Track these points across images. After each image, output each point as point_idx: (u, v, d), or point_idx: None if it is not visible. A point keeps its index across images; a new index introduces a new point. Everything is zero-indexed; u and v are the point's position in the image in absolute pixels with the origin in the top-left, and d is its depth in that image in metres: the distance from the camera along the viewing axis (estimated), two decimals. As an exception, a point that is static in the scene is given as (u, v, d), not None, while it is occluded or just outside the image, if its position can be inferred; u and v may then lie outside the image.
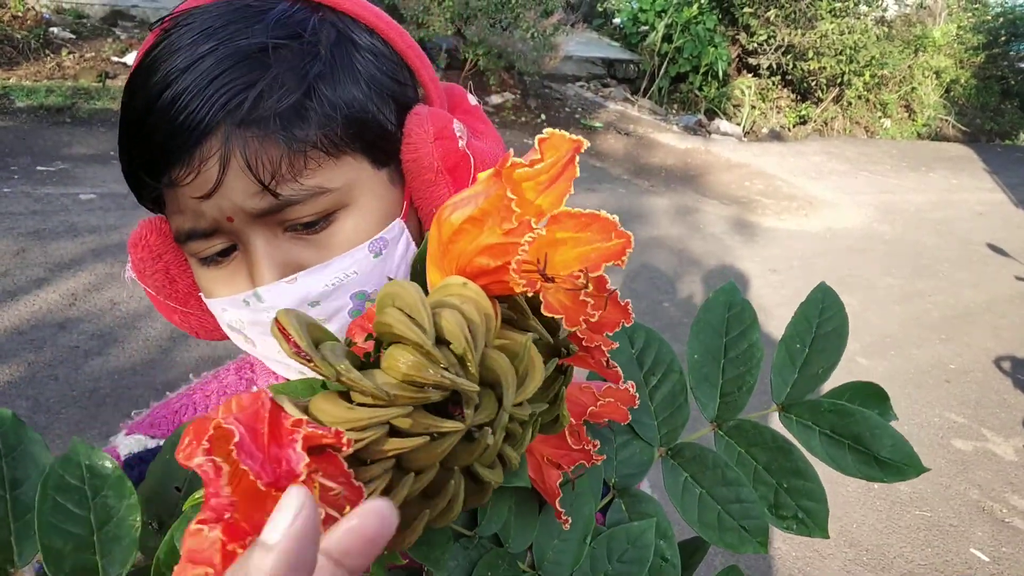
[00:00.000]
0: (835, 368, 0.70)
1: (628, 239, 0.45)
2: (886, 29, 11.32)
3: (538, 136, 0.43)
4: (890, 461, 0.64)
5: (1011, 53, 13.81)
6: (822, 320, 0.71)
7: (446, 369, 0.41)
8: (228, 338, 0.75)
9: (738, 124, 9.68)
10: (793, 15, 10.02)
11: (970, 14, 12.89)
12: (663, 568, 0.65)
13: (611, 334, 0.52)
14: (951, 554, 3.22)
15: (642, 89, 9.90)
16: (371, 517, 0.33)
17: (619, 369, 0.53)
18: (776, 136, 9.96)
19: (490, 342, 0.45)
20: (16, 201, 4.37)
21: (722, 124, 9.49)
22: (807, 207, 7.08)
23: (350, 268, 0.65)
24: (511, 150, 0.45)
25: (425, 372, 0.41)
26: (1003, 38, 13.31)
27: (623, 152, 7.62)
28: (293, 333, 0.40)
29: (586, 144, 0.43)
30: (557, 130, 0.43)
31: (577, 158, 0.44)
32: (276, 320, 0.41)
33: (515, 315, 0.49)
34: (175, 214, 0.65)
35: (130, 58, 6.47)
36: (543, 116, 8.07)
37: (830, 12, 10.00)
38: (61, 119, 5.55)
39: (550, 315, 0.46)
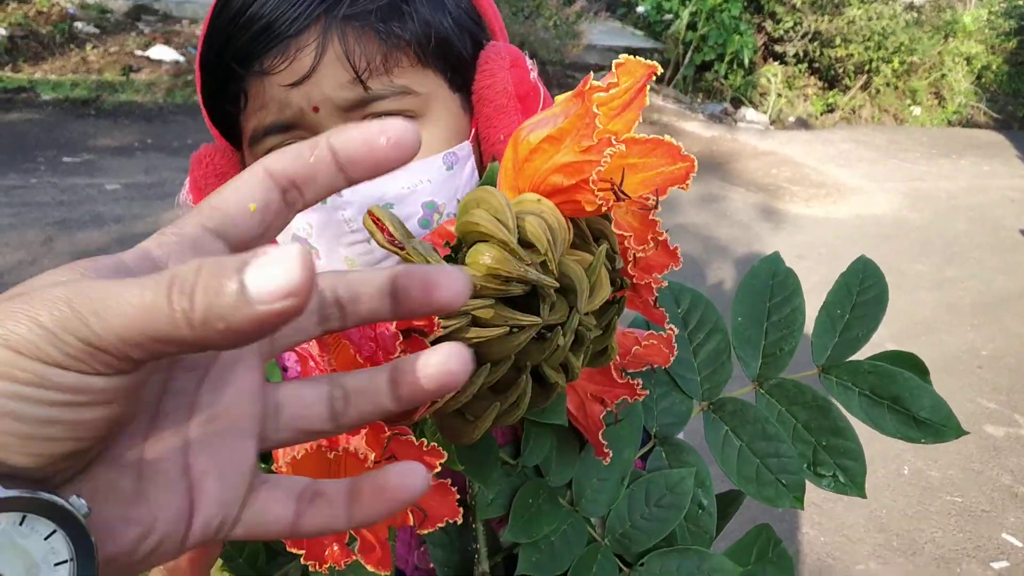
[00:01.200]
0: (875, 331, 0.70)
1: (692, 163, 0.47)
2: (915, 15, 11.16)
3: (615, 61, 0.45)
4: (928, 422, 0.65)
5: (1044, 38, 13.60)
6: (863, 288, 0.75)
7: (529, 265, 0.44)
8: None
9: (764, 112, 9.59)
10: (820, 1, 9.91)
11: (1002, -2, 12.71)
12: (699, 516, 0.68)
13: (660, 290, 0.53)
14: (983, 539, 3.18)
15: (667, 78, 9.83)
16: (454, 352, 0.34)
17: (664, 311, 0.55)
18: (803, 124, 9.86)
19: (565, 251, 0.48)
20: (43, 191, 4.42)
21: (748, 112, 9.40)
22: (835, 194, 7.00)
23: (425, 175, 0.68)
24: (591, 73, 0.47)
25: (510, 266, 0.43)
26: (1035, 23, 13.10)
27: (648, 141, 7.58)
28: (388, 224, 0.43)
29: (659, 69, 0.46)
30: (633, 56, 0.46)
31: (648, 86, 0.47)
32: (370, 212, 0.44)
33: (579, 240, 0.51)
34: (258, 110, 0.67)
35: (153, 51, 6.50)
36: (567, 106, 8.05)
37: (858, -2, 9.89)
38: (86, 112, 5.60)
39: (620, 232, 0.50)
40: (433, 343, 0.42)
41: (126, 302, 0.25)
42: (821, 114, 10.34)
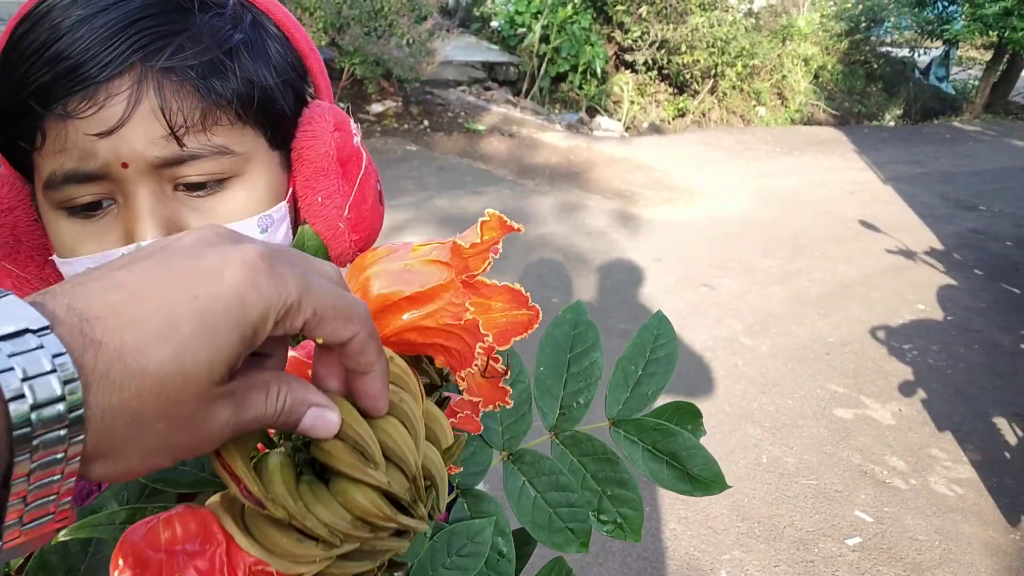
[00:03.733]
0: (663, 391, 0.76)
1: (537, 313, 0.49)
2: (754, 20, 11.71)
3: (480, 218, 0.46)
4: (699, 478, 0.70)
5: (872, 38, 14.46)
6: (656, 346, 0.78)
7: (401, 510, 0.42)
8: None
9: (619, 120, 9.86)
10: (664, 11, 10.27)
11: (831, 2, 13.44)
12: (499, 563, 0.70)
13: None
14: (838, 518, 3.35)
15: (524, 90, 9.98)
16: None
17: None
18: (656, 129, 10.19)
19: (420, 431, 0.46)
20: None
21: (603, 121, 9.65)
22: (687, 197, 7.26)
23: None
24: (457, 236, 0.48)
25: (383, 516, 0.41)
26: (864, 24, 13.92)
27: (507, 154, 7.68)
28: (243, 475, 0.39)
29: (522, 230, 0.48)
30: (496, 212, 0.47)
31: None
32: (219, 455, 0.39)
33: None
34: (56, 153, 0.62)
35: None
36: (426, 122, 8.07)
37: (699, 7, 10.29)
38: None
39: (470, 397, 0.50)
40: None
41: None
42: (673, 119, 10.70)
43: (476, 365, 0.46)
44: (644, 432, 0.73)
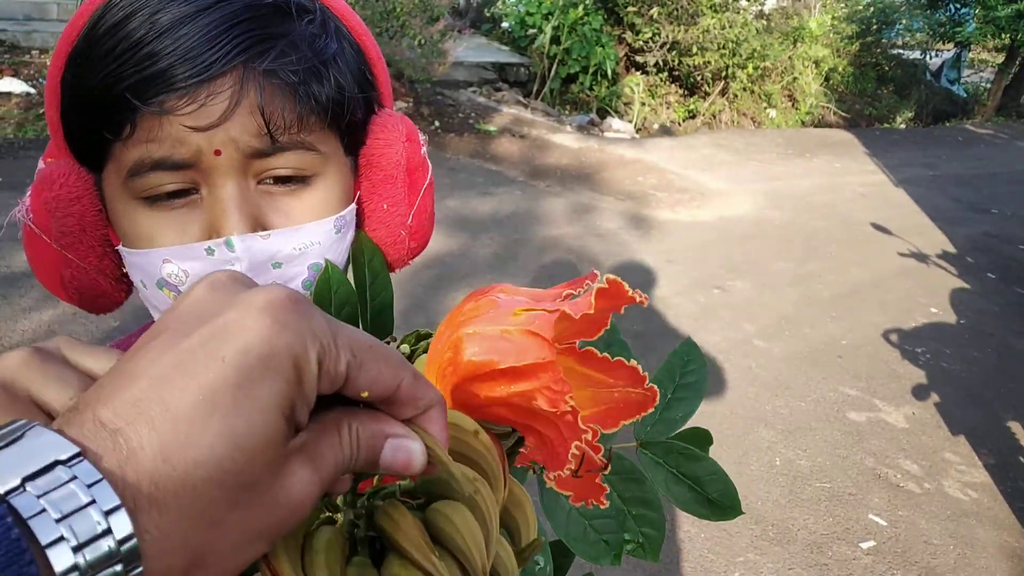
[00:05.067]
0: (692, 416, 0.77)
1: (654, 396, 0.45)
2: (765, 22, 11.69)
3: (598, 284, 0.41)
4: (717, 503, 0.71)
5: (883, 41, 14.42)
6: (685, 371, 0.79)
7: None
8: (112, 308, 0.75)
9: (630, 121, 9.85)
10: (676, 12, 10.26)
11: (843, 4, 13.41)
12: (536, 572, 0.70)
13: None
14: (851, 521, 3.35)
15: (534, 92, 9.98)
16: None
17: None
18: (667, 131, 10.17)
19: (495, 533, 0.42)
20: None
21: (614, 122, 9.64)
22: (699, 198, 7.25)
23: (317, 237, 0.68)
24: (566, 303, 0.43)
25: None
26: (875, 26, 13.88)
27: (519, 155, 7.68)
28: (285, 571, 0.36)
29: (646, 300, 0.43)
30: (616, 278, 0.42)
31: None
32: (267, 561, 0.37)
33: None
34: (147, 142, 0.62)
35: (1, 84, 6.21)
36: (437, 123, 8.07)
37: (711, 8, 10.27)
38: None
39: (560, 491, 0.45)
40: None
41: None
42: (683, 120, 10.69)
43: (569, 467, 0.42)
44: (670, 455, 0.74)
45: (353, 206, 0.73)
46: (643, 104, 10.26)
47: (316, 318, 0.33)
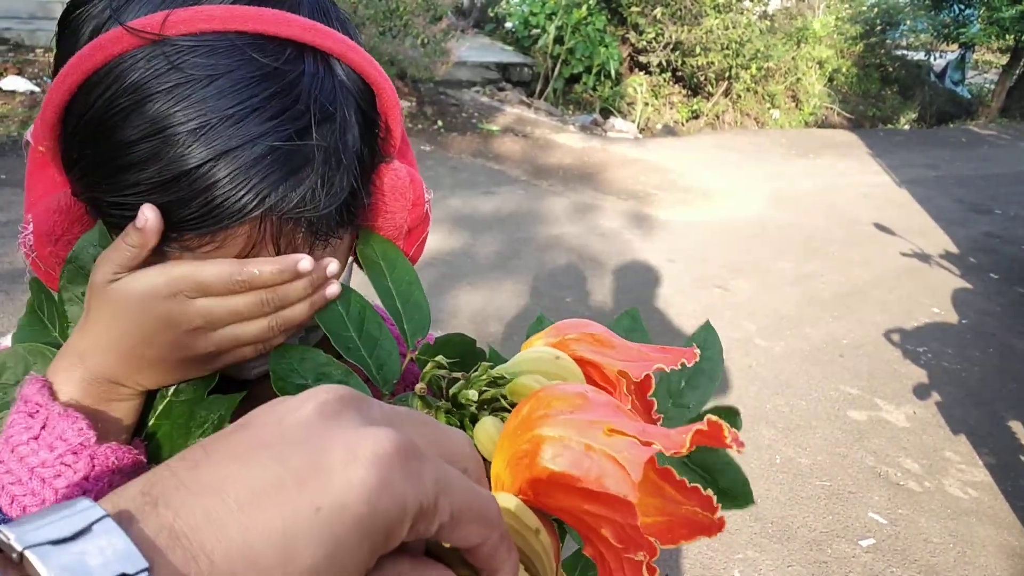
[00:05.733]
0: (705, 405, 0.75)
1: (721, 525, 0.42)
2: (769, 23, 11.69)
3: (696, 426, 0.40)
4: (727, 491, 0.71)
5: (888, 41, 14.42)
6: (701, 357, 0.76)
7: None
8: None
9: (633, 122, 9.86)
10: (679, 12, 10.26)
11: (847, 5, 13.41)
12: None
13: None
14: (851, 519, 3.35)
15: (537, 91, 9.99)
16: None
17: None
18: (670, 131, 10.18)
19: None
20: None
21: (617, 122, 9.65)
22: (701, 198, 7.26)
23: None
24: (661, 437, 0.41)
25: None
26: (879, 27, 13.89)
27: (521, 154, 7.69)
28: None
29: (743, 448, 0.41)
30: (719, 421, 0.40)
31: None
32: None
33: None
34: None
35: (6, 82, 6.23)
36: (440, 122, 8.08)
37: (714, 8, 10.27)
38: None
39: None
40: None
41: None
42: (687, 121, 10.70)
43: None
44: None
45: (351, 263, 0.73)
46: (646, 104, 10.26)
47: (424, 478, 0.32)
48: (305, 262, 0.59)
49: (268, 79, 0.57)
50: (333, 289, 0.63)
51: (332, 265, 0.62)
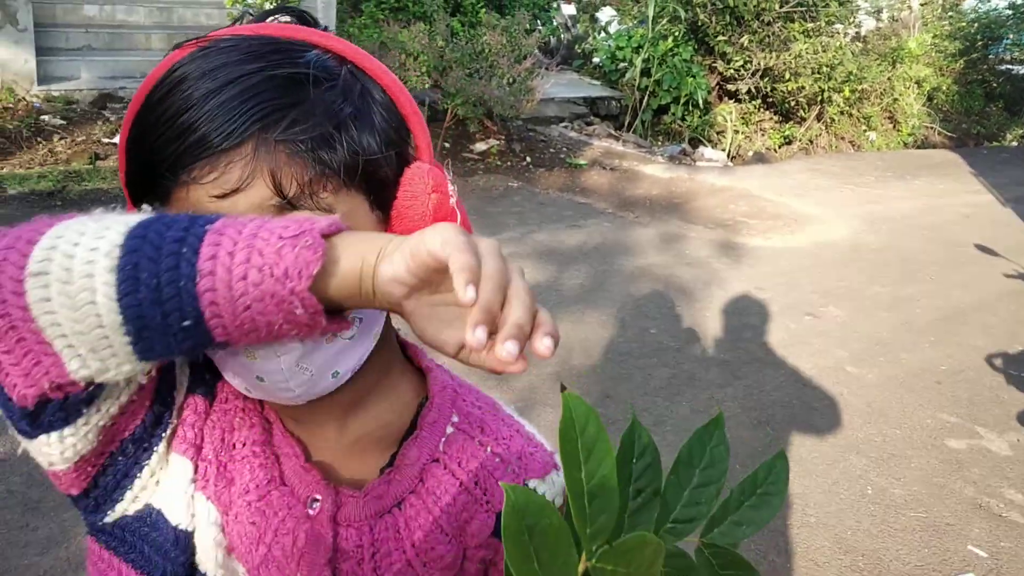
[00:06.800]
0: (760, 529, 0.73)
1: None
2: (861, 44, 11.48)
3: None
4: None
5: (990, 56, 13.95)
6: (768, 484, 0.70)
7: None
8: None
9: (722, 150, 9.79)
10: (767, 39, 10.18)
11: (945, 22, 13.06)
12: None
13: None
14: (949, 553, 3.23)
15: (626, 124, 10.03)
16: None
17: None
18: (761, 159, 10.07)
19: None
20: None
21: (706, 151, 9.60)
22: (792, 224, 7.15)
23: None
24: None
25: None
26: (980, 42, 13.46)
27: (608, 187, 7.73)
28: None
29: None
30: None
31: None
32: None
33: None
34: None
35: (120, 138, 6.61)
36: (528, 159, 8.20)
37: (803, 33, 10.15)
38: (52, 202, 5.68)
39: None
40: None
41: None
42: (779, 147, 10.56)
43: None
44: (725, 561, 0.70)
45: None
46: (736, 132, 10.19)
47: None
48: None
49: (279, 51, 0.71)
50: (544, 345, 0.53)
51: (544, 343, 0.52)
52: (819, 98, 10.64)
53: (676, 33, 9.87)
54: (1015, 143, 13.19)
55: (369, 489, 0.80)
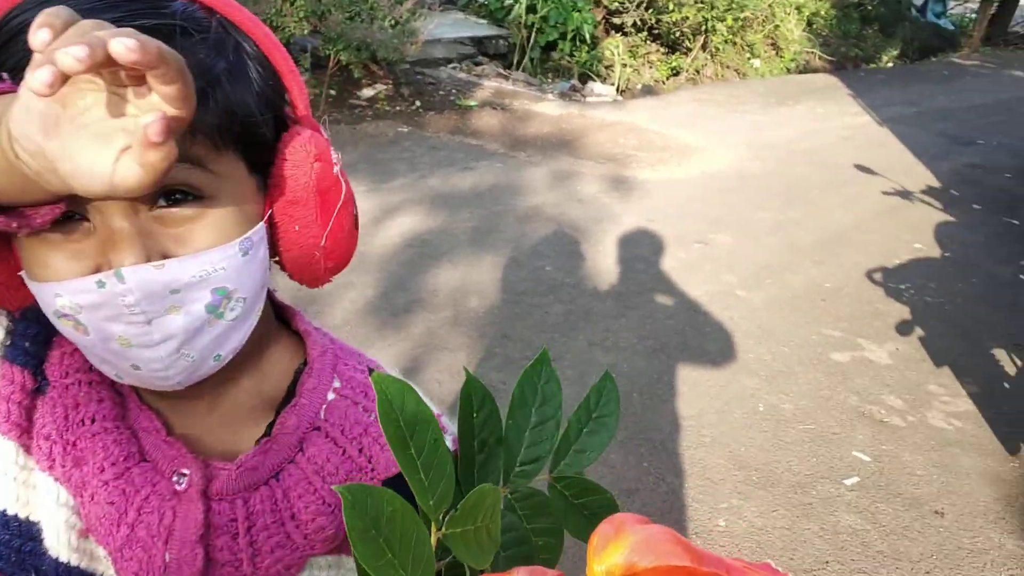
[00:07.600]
0: (602, 452, 0.73)
1: None
2: (741, -28, 11.61)
3: None
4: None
5: (865, -21, 14.29)
6: (601, 407, 0.75)
7: None
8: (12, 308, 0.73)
9: (612, 85, 9.83)
10: (649, -30, 10.20)
11: (821, -53, 13.29)
12: None
13: None
14: (836, 460, 3.40)
15: (515, 63, 9.96)
16: None
17: None
18: (650, 91, 10.14)
19: None
20: None
21: (596, 87, 9.61)
22: (680, 155, 7.26)
23: (219, 263, 0.65)
24: None
25: None
26: (855, -34, 13.76)
27: (499, 127, 7.69)
28: None
29: None
30: None
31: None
32: None
33: None
34: None
35: None
36: (418, 103, 8.08)
37: (683, -37, 10.21)
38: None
39: None
40: None
41: None
42: (667, 79, 10.65)
43: None
44: (576, 490, 0.71)
45: (262, 226, 0.70)
46: (624, 66, 10.22)
47: None
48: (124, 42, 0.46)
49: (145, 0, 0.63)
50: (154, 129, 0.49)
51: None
52: (703, 28, 10.74)
53: (559, -32, 9.80)
54: (890, 64, 13.62)
55: (243, 460, 0.76)
